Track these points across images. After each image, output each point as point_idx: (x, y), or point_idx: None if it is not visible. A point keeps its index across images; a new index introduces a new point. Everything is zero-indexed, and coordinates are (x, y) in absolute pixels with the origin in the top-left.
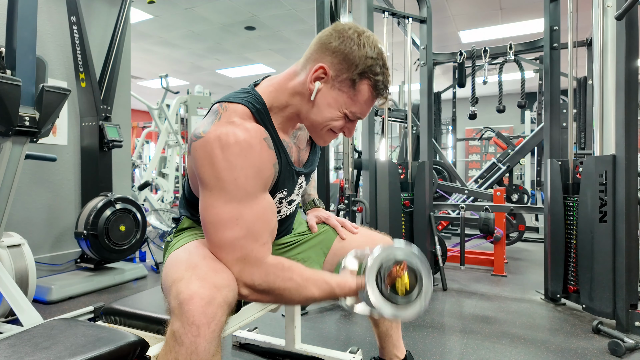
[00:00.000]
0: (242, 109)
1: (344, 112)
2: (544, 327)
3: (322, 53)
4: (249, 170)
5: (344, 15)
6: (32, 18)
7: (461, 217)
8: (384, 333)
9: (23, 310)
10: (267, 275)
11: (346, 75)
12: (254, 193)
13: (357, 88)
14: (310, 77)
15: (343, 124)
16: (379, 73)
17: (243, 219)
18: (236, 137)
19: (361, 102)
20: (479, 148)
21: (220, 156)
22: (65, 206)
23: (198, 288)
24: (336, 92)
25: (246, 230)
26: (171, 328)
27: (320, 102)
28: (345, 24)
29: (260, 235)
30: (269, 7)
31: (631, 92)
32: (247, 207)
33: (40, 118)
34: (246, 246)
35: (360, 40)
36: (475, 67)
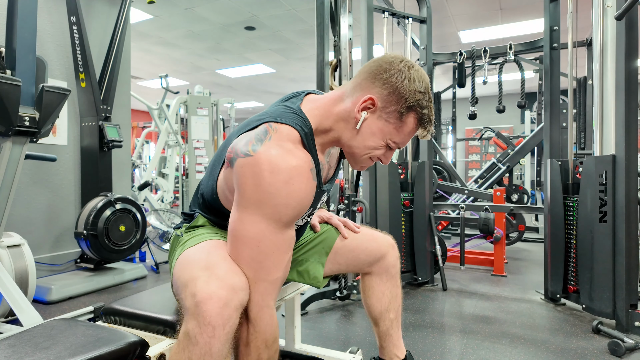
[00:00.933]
0: (293, 133)
1: (387, 141)
2: (544, 327)
3: (371, 83)
4: (291, 200)
5: (344, 15)
6: (32, 18)
7: (461, 217)
8: (384, 333)
9: (23, 310)
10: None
11: (394, 108)
12: (286, 224)
13: (404, 120)
14: (358, 107)
15: (383, 152)
16: (426, 107)
17: (264, 243)
18: (287, 164)
19: (405, 133)
20: (478, 148)
21: (268, 180)
22: (65, 206)
23: (216, 289)
24: (382, 122)
25: (263, 256)
26: (185, 327)
27: (364, 130)
28: (395, 55)
29: (274, 268)
30: (269, 7)
31: (631, 92)
32: (272, 234)
33: (40, 118)
34: (260, 271)
35: (411, 74)
36: (475, 67)
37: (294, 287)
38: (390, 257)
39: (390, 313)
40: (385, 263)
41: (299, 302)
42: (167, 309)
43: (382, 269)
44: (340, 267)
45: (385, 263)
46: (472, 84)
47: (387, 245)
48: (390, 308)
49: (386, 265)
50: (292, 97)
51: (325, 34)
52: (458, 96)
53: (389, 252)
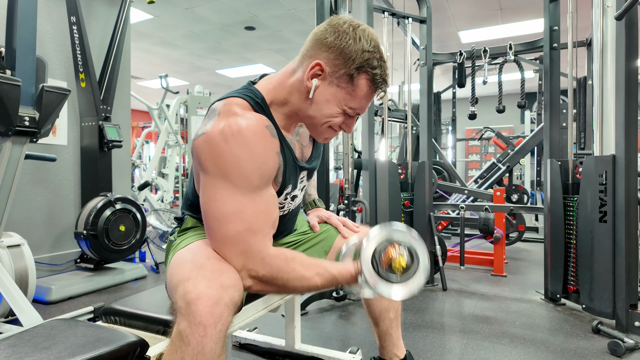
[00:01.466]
0: (240, 102)
1: (342, 108)
2: (544, 327)
3: (317, 49)
4: (254, 162)
5: (344, 15)
6: (32, 18)
7: (461, 217)
8: (384, 332)
9: (23, 310)
10: (270, 266)
11: (343, 71)
12: (258, 186)
13: (355, 83)
14: (307, 75)
15: (342, 120)
16: (377, 66)
17: (246, 213)
18: (239, 127)
19: (360, 97)
20: (478, 148)
21: (224, 148)
22: (65, 206)
23: (205, 288)
24: (334, 88)
25: (248, 225)
26: (177, 328)
27: (318, 99)
28: (340, 17)
29: (262, 229)
30: (269, 7)
31: (631, 92)
32: (250, 201)
33: (40, 118)
34: (248, 239)
35: (356, 34)
36: (475, 67)
37: None
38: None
39: (389, 313)
40: None
41: (299, 302)
42: (167, 309)
43: None
44: None
45: None
46: (472, 84)
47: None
48: (389, 307)
49: None
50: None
51: None
52: (458, 96)
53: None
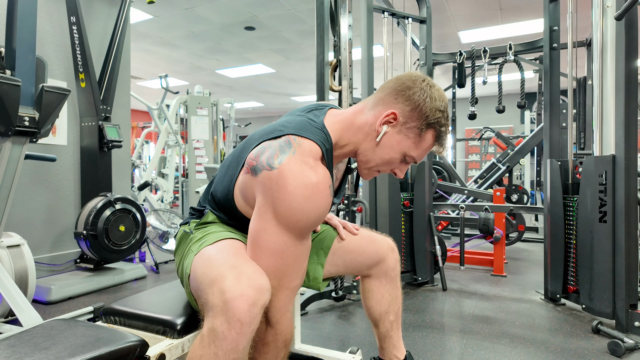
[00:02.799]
0: (315, 149)
1: (403, 155)
2: (544, 327)
3: (394, 99)
4: (312, 215)
5: (344, 15)
6: (31, 18)
7: (461, 217)
8: (384, 334)
9: (23, 310)
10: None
11: (415, 124)
12: (305, 236)
13: (423, 136)
14: (381, 120)
15: (398, 165)
16: (444, 125)
17: (287, 254)
18: (310, 181)
19: (423, 148)
20: (478, 148)
21: (292, 194)
22: (64, 206)
23: (246, 287)
24: (402, 136)
25: (286, 266)
26: (212, 323)
27: (384, 143)
28: (418, 74)
29: (295, 276)
30: (269, 7)
31: (631, 92)
32: (293, 246)
33: (40, 118)
34: (281, 279)
35: (432, 92)
36: (474, 67)
37: None
38: (389, 260)
39: (389, 315)
40: (384, 266)
41: (299, 302)
42: (167, 309)
43: (382, 272)
44: (339, 269)
45: (384, 266)
46: (472, 84)
47: (386, 248)
48: (389, 310)
49: (385, 268)
50: (315, 109)
51: (325, 34)
52: (458, 96)
53: (388, 255)
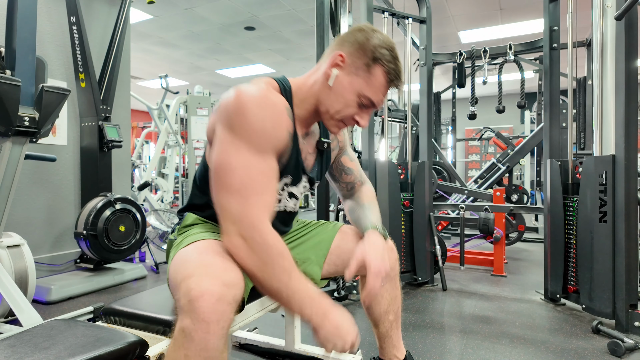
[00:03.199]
0: (273, 83)
1: (358, 94)
2: (544, 327)
3: (339, 45)
4: (267, 123)
5: (344, 15)
6: (31, 18)
7: (461, 218)
8: (384, 334)
9: (22, 310)
10: (260, 233)
11: (362, 61)
12: (266, 150)
13: (372, 72)
14: (329, 64)
15: (357, 110)
16: (391, 61)
17: (251, 169)
18: (264, 94)
19: (375, 86)
20: (478, 148)
21: (247, 105)
22: (64, 206)
23: (209, 285)
24: (352, 77)
25: (252, 179)
26: (180, 325)
27: (337, 87)
28: (361, 23)
29: (263, 189)
30: (269, 7)
31: (630, 93)
32: (257, 160)
33: (40, 118)
34: (249, 195)
35: (375, 34)
36: (474, 67)
37: None
38: (388, 259)
39: (389, 315)
40: None
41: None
42: (167, 309)
43: None
44: (337, 268)
45: None
46: (472, 84)
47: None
48: (389, 310)
49: None
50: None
51: (325, 34)
52: (458, 96)
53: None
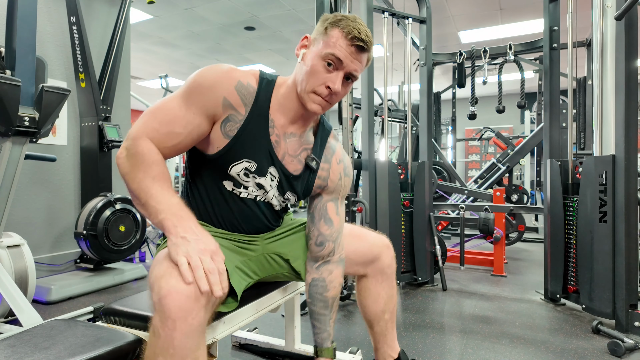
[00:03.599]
0: (254, 71)
1: (321, 56)
2: (544, 327)
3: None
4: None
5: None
6: (31, 18)
7: (461, 218)
8: (379, 334)
9: (22, 310)
10: (135, 149)
11: (320, 30)
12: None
13: (328, 33)
14: (297, 47)
15: (325, 73)
16: (350, 23)
17: (166, 108)
18: (220, 65)
19: (332, 42)
20: (478, 148)
21: (199, 71)
22: (64, 206)
23: (176, 283)
24: (314, 47)
25: (159, 113)
26: (152, 323)
27: (305, 60)
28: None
29: (161, 124)
30: (269, 7)
31: (630, 93)
32: (177, 104)
33: (40, 118)
34: (147, 122)
35: (339, 12)
36: (474, 67)
37: (294, 287)
38: (385, 257)
39: (385, 314)
40: (380, 264)
41: (299, 302)
42: None
43: (377, 270)
44: None
45: (380, 264)
46: (472, 84)
47: (380, 246)
48: (385, 309)
49: (381, 266)
50: None
51: None
52: (458, 96)
53: (384, 253)
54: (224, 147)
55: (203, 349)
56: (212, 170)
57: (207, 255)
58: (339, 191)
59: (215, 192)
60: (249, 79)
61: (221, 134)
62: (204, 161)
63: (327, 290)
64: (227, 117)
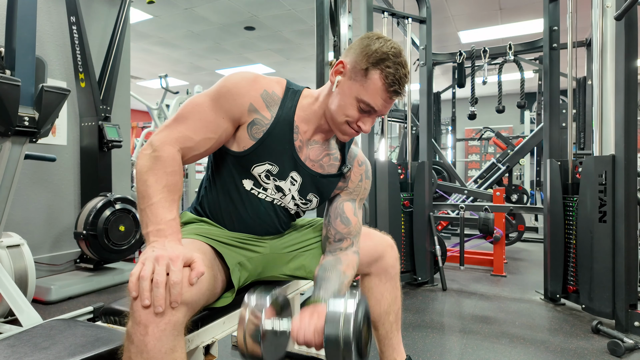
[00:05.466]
0: (281, 80)
1: (356, 99)
2: (544, 327)
3: (345, 54)
4: (232, 89)
5: (344, 15)
6: (31, 18)
7: (461, 217)
8: (384, 336)
9: (22, 310)
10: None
11: (360, 66)
12: (219, 107)
13: (368, 76)
14: (332, 72)
15: (357, 114)
16: (391, 67)
17: (195, 110)
18: (247, 71)
19: (372, 90)
20: (478, 148)
21: (228, 76)
22: (64, 206)
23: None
24: (351, 82)
25: (187, 115)
26: (126, 327)
27: (338, 92)
28: (371, 32)
29: (188, 128)
30: (269, 7)
31: (630, 92)
32: (206, 108)
33: (40, 118)
34: (175, 125)
35: (380, 40)
36: (474, 67)
37: (294, 287)
38: (389, 257)
39: (390, 316)
40: (383, 263)
41: (299, 302)
42: None
43: (381, 270)
44: None
45: (383, 263)
46: (472, 84)
47: (384, 245)
48: (390, 310)
49: (385, 265)
50: None
51: (325, 34)
52: (458, 96)
53: (388, 252)
54: (249, 148)
55: (181, 350)
56: (234, 166)
57: (163, 264)
58: (358, 192)
59: (233, 191)
60: (274, 88)
61: (247, 135)
62: (228, 157)
63: (341, 263)
64: (253, 121)
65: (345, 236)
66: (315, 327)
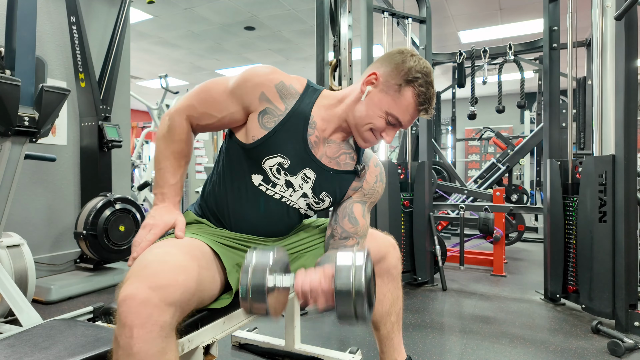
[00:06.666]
0: (301, 78)
1: (385, 112)
2: (544, 327)
3: (377, 64)
4: (249, 78)
5: (344, 15)
6: (31, 18)
7: (461, 217)
8: (385, 337)
9: (22, 310)
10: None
11: (394, 81)
12: (233, 92)
13: (401, 92)
14: (363, 81)
15: (384, 125)
16: (423, 85)
17: (211, 86)
18: (268, 65)
19: (403, 106)
20: (478, 148)
21: (250, 67)
22: (64, 206)
23: (133, 289)
24: (383, 94)
25: (201, 94)
26: (114, 330)
27: (367, 102)
28: (404, 47)
29: (200, 104)
30: (269, 7)
31: (630, 93)
32: (222, 91)
33: (40, 118)
34: (189, 99)
35: (413, 58)
36: (474, 67)
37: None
38: (391, 257)
39: (391, 316)
40: (386, 264)
41: (299, 303)
42: None
43: (383, 270)
44: None
45: (386, 264)
46: (472, 84)
47: (387, 246)
48: (391, 311)
49: (387, 266)
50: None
51: (325, 34)
52: (458, 96)
53: (390, 253)
54: (260, 138)
55: (171, 352)
56: (245, 160)
57: (147, 230)
58: (371, 195)
59: (240, 187)
60: (292, 82)
61: (258, 124)
62: (239, 151)
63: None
64: (265, 110)
65: (352, 235)
66: (321, 276)
